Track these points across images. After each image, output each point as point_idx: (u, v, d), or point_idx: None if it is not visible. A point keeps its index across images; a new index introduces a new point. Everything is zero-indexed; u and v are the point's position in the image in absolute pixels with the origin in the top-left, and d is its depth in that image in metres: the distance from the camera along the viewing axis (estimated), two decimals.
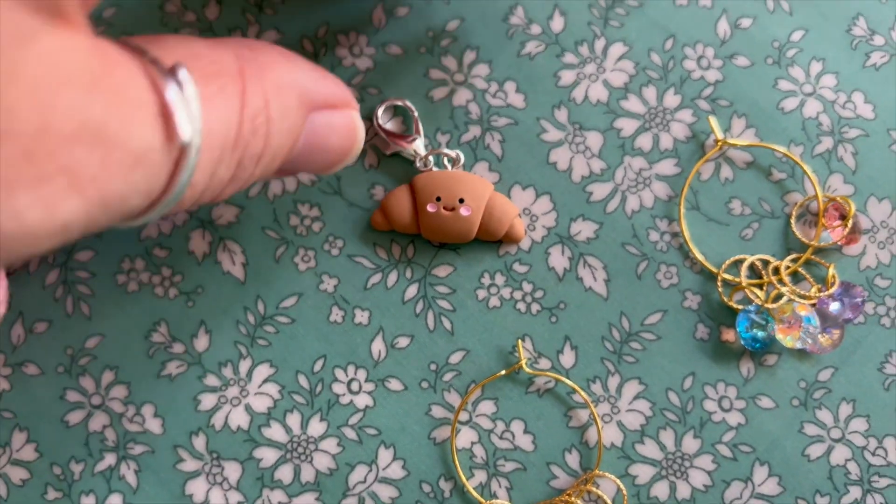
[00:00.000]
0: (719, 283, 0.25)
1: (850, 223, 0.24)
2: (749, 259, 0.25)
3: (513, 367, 0.24)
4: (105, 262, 0.25)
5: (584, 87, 0.26)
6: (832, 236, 0.25)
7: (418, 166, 0.25)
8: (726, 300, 0.25)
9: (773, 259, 0.25)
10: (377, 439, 0.24)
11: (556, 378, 0.24)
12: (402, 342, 0.25)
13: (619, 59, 0.26)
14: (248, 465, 0.24)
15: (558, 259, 0.25)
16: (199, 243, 0.25)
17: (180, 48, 0.16)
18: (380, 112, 0.25)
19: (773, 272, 0.25)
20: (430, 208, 0.24)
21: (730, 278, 0.25)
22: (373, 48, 0.26)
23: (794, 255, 0.25)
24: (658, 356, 0.25)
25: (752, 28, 0.26)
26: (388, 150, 0.25)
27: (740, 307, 0.25)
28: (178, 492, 0.24)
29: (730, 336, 0.25)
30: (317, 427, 0.24)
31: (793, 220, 0.25)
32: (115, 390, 0.25)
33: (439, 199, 0.24)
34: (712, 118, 0.25)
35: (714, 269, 0.25)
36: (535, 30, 0.26)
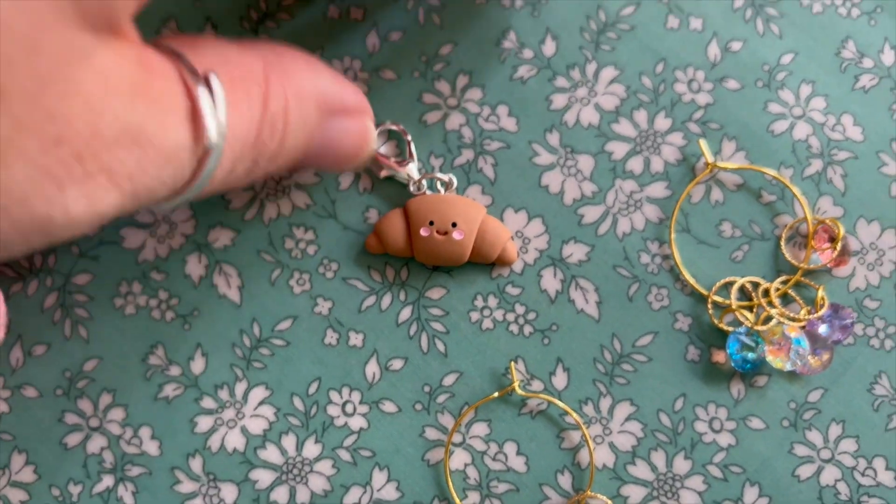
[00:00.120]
0: (710, 306, 0.25)
1: (839, 246, 0.25)
2: (739, 281, 0.25)
3: (506, 389, 0.25)
4: (103, 285, 0.25)
5: (576, 111, 0.26)
6: (822, 258, 0.25)
7: (412, 190, 0.25)
8: (717, 322, 0.25)
9: (762, 281, 0.25)
10: (371, 461, 0.25)
11: (549, 400, 0.25)
12: (396, 364, 0.25)
13: (611, 82, 0.26)
14: (244, 487, 0.24)
15: (550, 281, 0.25)
16: (195, 267, 0.25)
17: (213, 53, 0.18)
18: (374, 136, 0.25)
19: (762, 294, 0.25)
20: (424, 232, 0.24)
21: (720, 300, 0.25)
22: (367, 72, 0.26)
23: (784, 277, 0.25)
24: (649, 378, 0.25)
25: (742, 51, 0.26)
26: (382, 174, 0.26)
27: (731, 329, 0.25)
28: None
29: (720, 358, 0.25)
30: (312, 449, 0.25)
31: (783, 243, 0.25)
32: (112, 413, 0.25)
33: (432, 223, 0.24)
34: (702, 141, 0.25)
35: (704, 292, 0.25)
36: (528, 54, 0.26)
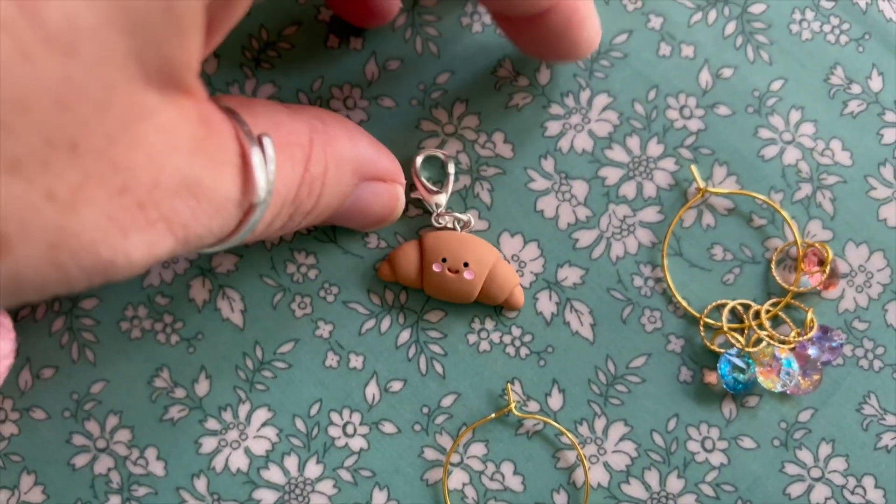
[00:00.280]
0: (702, 328, 0.26)
1: (828, 269, 0.25)
2: (730, 304, 0.26)
3: (503, 410, 0.25)
4: (109, 309, 0.26)
5: (570, 138, 0.27)
6: (811, 281, 0.26)
7: (433, 220, 0.26)
8: (709, 344, 0.26)
9: (753, 304, 0.26)
10: (371, 481, 0.25)
11: (545, 420, 0.25)
12: (396, 386, 0.26)
13: (604, 109, 0.27)
14: None
15: (546, 304, 0.26)
16: (199, 291, 0.26)
17: (265, 116, 0.19)
18: (419, 161, 0.26)
19: (753, 316, 0.26)
20: (436, 268, 0.25)
21: (712, 322, 0.26)
22: (366, 101, 0.27)
23: (775, 300, 0.26)
24: (643, 398, 0.26)
25: (732, 78, 0.27)
26: (413, 194, 0.26)
27: (722, 351, 0.25)
28: None
29: (712, 378, 0.26)
30: (313, 469, 0.25)
31: (773, 266, 0.26)
32: (119, 434, 0.25)
33: (445, 261, 0.25)
34: (694, 167, 0.26)
35: (696, 314, 0.26)
36: (523, 82, 0.27)
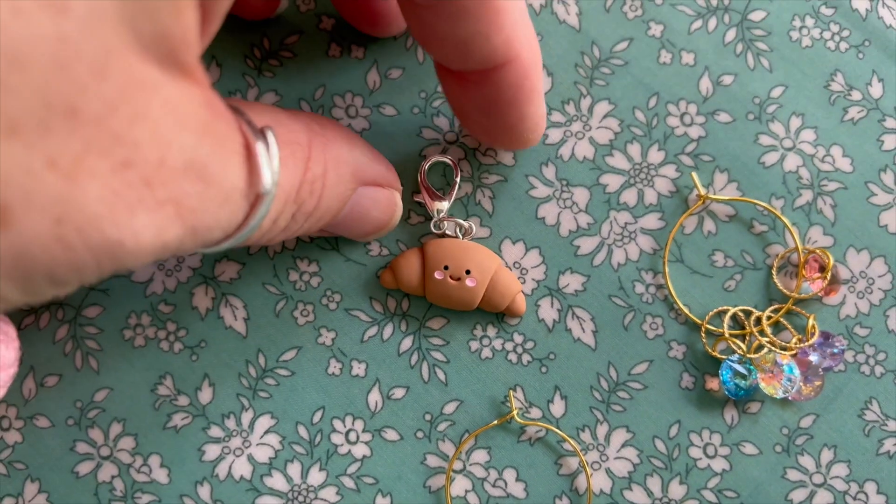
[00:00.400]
0: (703, 334, 0.26)
1: (829, 275, 0.25)
2: (732, 310, 0.26)
3: (505, 417, 0.25)
4: (112, 317, 0.26)
5: (571, 145, 0.27)
6: (812, 288, 0.26)
7: (432, 226, 0.26)
8: (710, 350, 0.26)
9: (755, 310, 0.26)
10: (374, 488, 0.25)
11: (547, 427, 0.25)
12: (398, 393, 0.26)
13: (605, 116, 0.27)
14: None
15: (548, 311, 0.26)
16: (202, 299, 0.26)
17: (266, 114, 0.19)
18: (426, 166, 0.26)
19: (754, 323, 0.26)
20: (438, 276, 0.25)
21: (713, 329, 0.26)
22: (368, 109, 0.27)
23: (776, 306, 0.26)
24: (645, 405, 0.26)
25: (733, 85, 0.27)
26: (416, 198, 0.26)
27: (724, 357, 0.25)
28: None
29: (714, 385, 0.26)
30: (316, 476, 0.25)
31: (774, 272, 0.26)
32: (122, 442, 0.26)
33: (447, 268, 0.25)
34: (695, 174, 0.26)
35: (698, 320, 0.26)
36: None
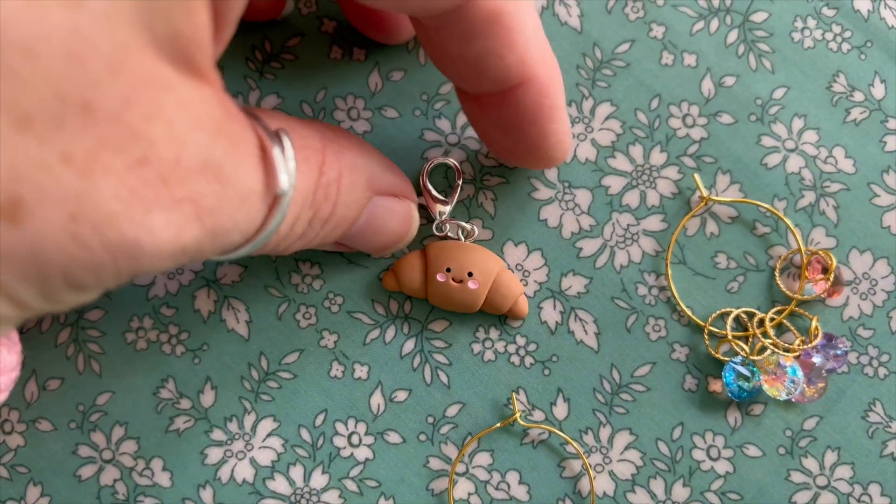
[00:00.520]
0: (706, 336, 0.26)
1: (832, 277, 0.25)
2: (734, 312, 0.26)
3: (507, 420, 0.25)
4: (114, 320, 0.26)
5: (573, 147, 0.27)
6: (815, 289, 0.26)
7: (434, 229, 0.26)
8: (713, 352, 0.26)
9: (758, 312, 0.26)
10: (377, 491, 0.25)
11: (550, 430, 0.25)
12: (401, 396, 0.26)
13: (607, 118, 0.27)
14: None
15: (550, 313, 0.26)
16: (204, 302, 0.26)
17: (280, 120, 0.19)
18: (427, 168, 0.26)
19: (757, 325, 0.26)
20: (440, 278, 0.25)
21: (716, 331, 0.26)
22: (369, 111, 0.27)
23: (779, 308, 0.26)
24: (648, 407, 0.26)
25: (735, 86, 0.27)
26: (419, 200, 0.26)
27: (727, 359, 0.25)
28: None
29: (717, 387, 0.26)
30: (319, 479, 0.25)
31: (777, 274, 0.26)
32: (125, 445, 0.26)
33: (449, 270, 0.25)
34: (697, 175, 0.26)
35: (701, 322, 0.26)
36: None
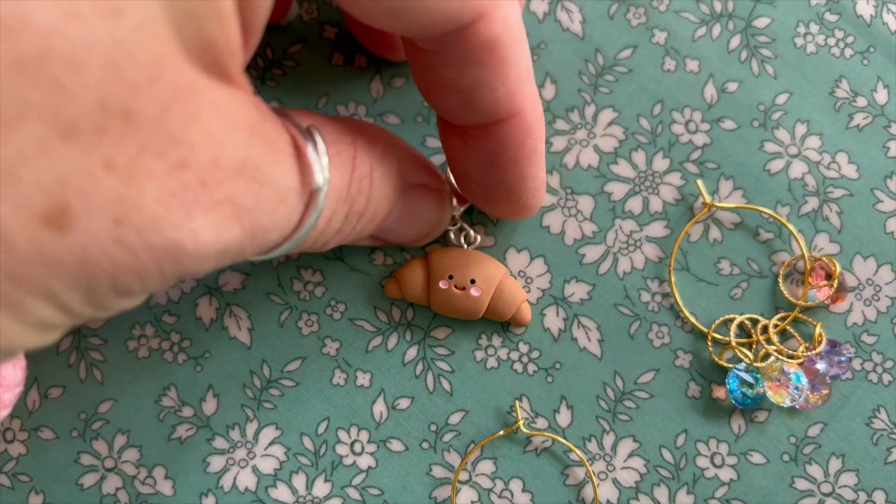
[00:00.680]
0: (709, 343, 0.25)
1: (836, 283, 0.25)
2: (738, 318, 0.26)
3: (511, 427, 0.25)
4: (116, 329, 0.26)
5: (576, 153, 0.27)
6: (819, 295, 0.26)
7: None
8: (717, 359, 0.25)
9: (761, 318, 0.26)
10: (380, 499, 0.25)
11: (553, 437, 0.25)
12: (403, 403, 0.26)
13: (609, 124, 0.27)
14: None
15: (553, 320, 0.26)
16: (206, 309, 0.26)
17: (310, 118, 0.20)
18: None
19: (761, 331, 0.26)
20: (443, 285, 0.25)
21: (720, 337, 0.26)
22: (371, 118, 0.27)
23: (783, 314, 0.26)
24: (651, 414, 0.25)
25: (738, 92, 0.27)
26: None
27: (730, 366, 0.25)
28: None
29: (721, 394, 0.25)
30: (321, 488, 0.25)
31: (780, 280, 0.26)
32: (127, 453, 0.25)
33: (452, 277, 0.25)
34: (700, 181, 0.26)
35: (704, 329, 0.26)
36: None
